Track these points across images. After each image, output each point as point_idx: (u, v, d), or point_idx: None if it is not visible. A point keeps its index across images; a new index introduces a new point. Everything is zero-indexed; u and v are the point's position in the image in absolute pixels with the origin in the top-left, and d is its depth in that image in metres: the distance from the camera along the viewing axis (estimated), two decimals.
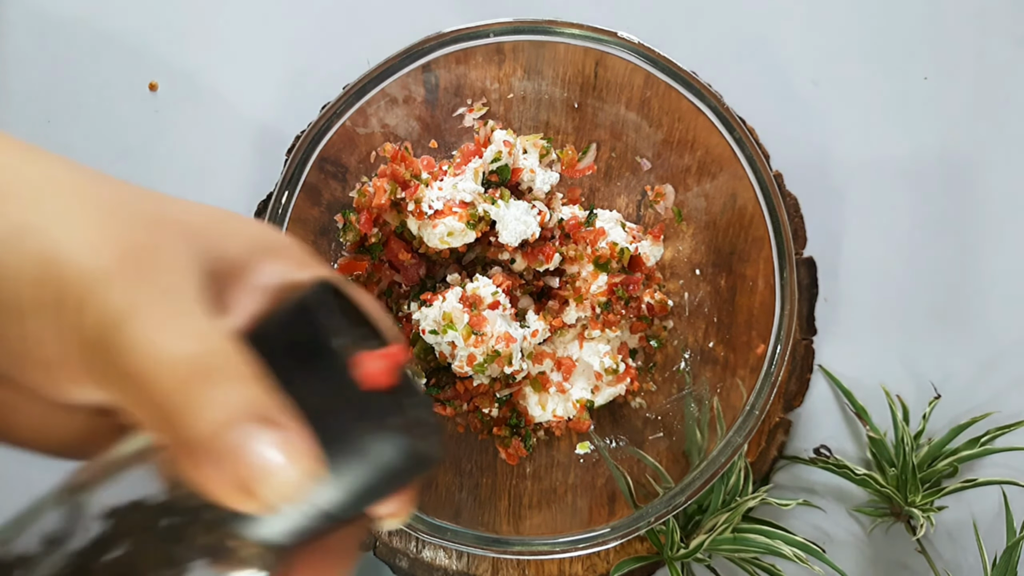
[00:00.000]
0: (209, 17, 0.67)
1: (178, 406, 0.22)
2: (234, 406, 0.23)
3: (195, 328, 0.24)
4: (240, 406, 0.23)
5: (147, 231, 0.25)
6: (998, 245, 0.66)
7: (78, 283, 0.23)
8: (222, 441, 0.22)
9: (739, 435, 0.55)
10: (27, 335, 0.23)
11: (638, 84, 0.59)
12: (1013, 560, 0.59)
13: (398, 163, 0.58)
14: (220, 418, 0.23)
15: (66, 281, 0.23)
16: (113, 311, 0.23)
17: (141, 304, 0.23)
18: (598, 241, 0.61)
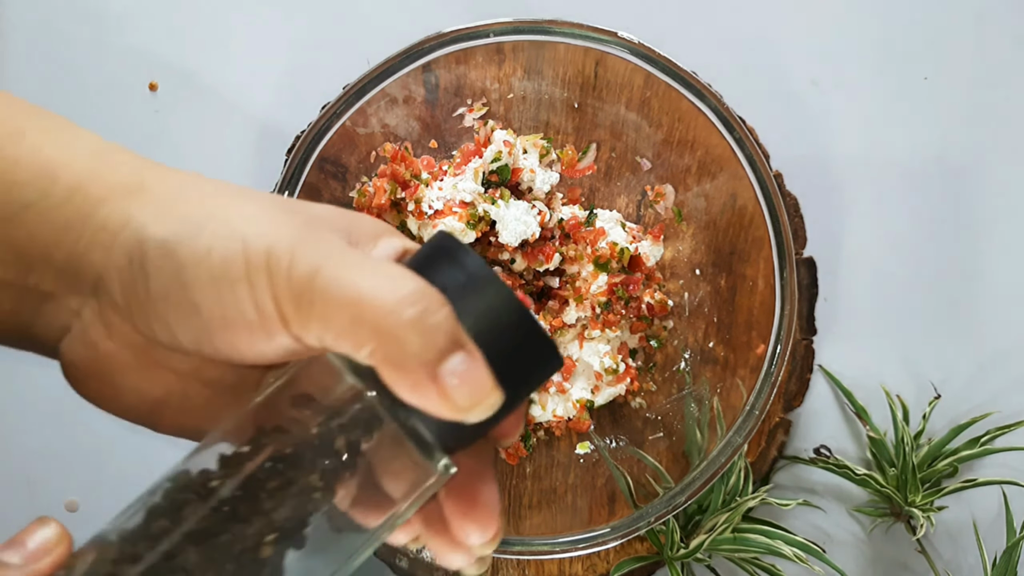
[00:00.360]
0: (209, 17, 0.67)
1: (403, 331, 0.27)
2: (446, 333, 0.28)
3: (395, 270, 0.29)
4: (450, 333, 0.28)
5: (301, 215, 0.31)
6: (998, 245, 0.66)
7: (282, 247, 0.28)
8: (442, 365, 0.28)
9: (739, 435, 0.55)
10: (237, 300, 0.29)
11: (638, 84, 0.59)
12: (1013, 560, 0.59)
13: (398, 163, 0.58)
14: (441, 344, 0.28)
15: (270, 248, 0.28)
16: (319, 263, 0.28)
17: (338, 257, 0.29)
18: (598, 241, 0.61)
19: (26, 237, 0.30)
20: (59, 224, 0.30)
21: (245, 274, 0.29)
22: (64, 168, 0.31)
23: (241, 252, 0.29)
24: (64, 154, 0.31)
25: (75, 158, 0.31)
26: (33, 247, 0.31)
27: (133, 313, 0.31)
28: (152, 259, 0.30)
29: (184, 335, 0.30)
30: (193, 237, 0.29)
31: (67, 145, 0.32)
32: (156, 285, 0.30)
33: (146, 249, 0.30)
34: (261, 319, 0.29)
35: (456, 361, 0.28)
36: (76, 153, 0.32)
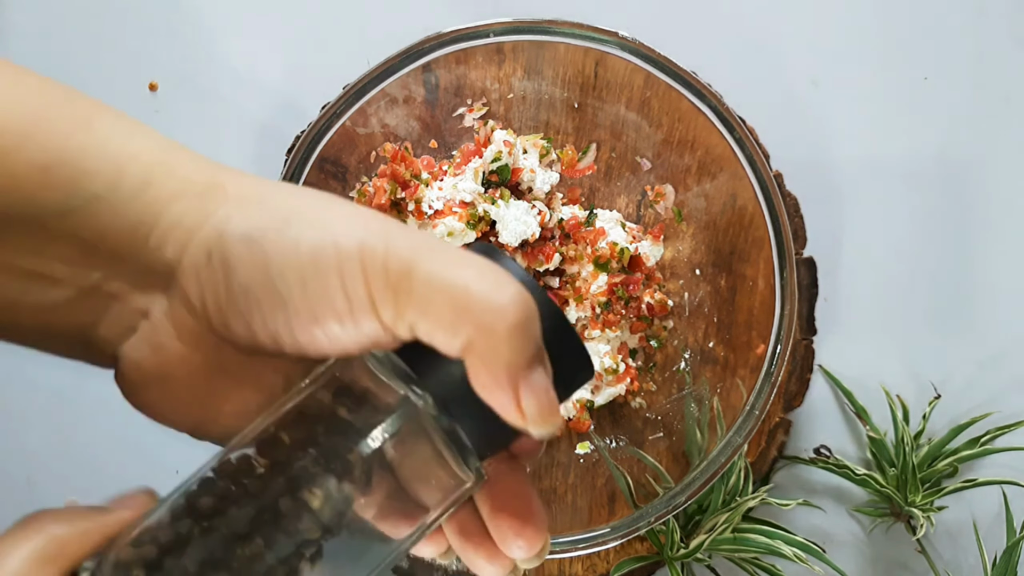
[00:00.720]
0: (209, 17, 0.67)
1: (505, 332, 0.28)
2: (537, 346, 0.29)
3: (493, 267, 0.29)
4: (540, 346, 0.29)
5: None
6: (998, 245, 0.66)
7: (374, 239, 0.29)
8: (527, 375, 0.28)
9: (739, 435, 0.55)
10: (328, 289, 0.29)
11: (638, 84, 0.59)
12: (1013, 560, 0.59)
13: (398, 163, 0.58)
14: (531, 355, 0.28)
15: (363, 240, 0.29)
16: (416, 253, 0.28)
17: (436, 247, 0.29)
18: (598, 241, 0.61)
19: (93, 231, 0.29)
20: (130, 219, 0.29)
21: (337, 264, 0.28)
22: (133, 161, 0.30)
23: (332, 243, 0.29)
24: (132, 147, 0.30)
25: (143, 151, 0.30)
26: (101, 242, 0.29)
27: (210, 310, 0.30)
28: (236, 253, 0.29)
29: (264, 330, 0.30)
30: (279, 231, 0.29)
31: (134, 138, 0.31)
32: (240, 279, 0.29)
33: (229, 243, 0.29)
34: (351, 308, 0.29)
35: (538, 375, 0.29)
36: (144, 147, 0.31)
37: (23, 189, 0.28)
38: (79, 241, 0.29)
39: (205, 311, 0.30)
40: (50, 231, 0.29)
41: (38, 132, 0.29)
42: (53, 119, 0.29)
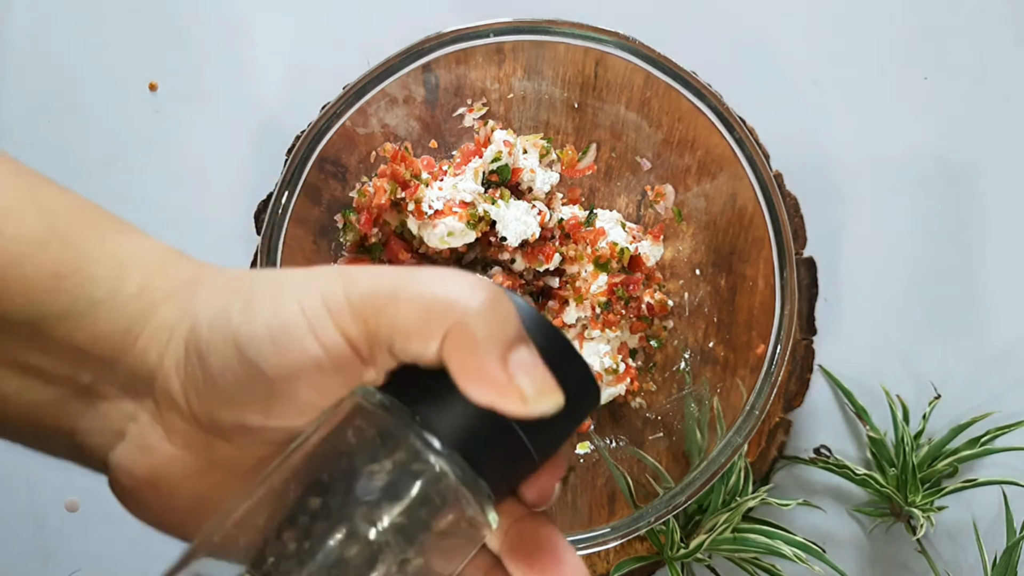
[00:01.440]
0: (209, 17, 0.67)
1: (475, 316, 0.28)
2: (515, 324, 0.29)
3: (455, 269, 0.30)
4: (518, 326, 0.29)
5: None
6: (998, 245, 0.66)
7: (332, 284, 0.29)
8: (512, 353, 0.28)
9: (739, 435, 0.55)
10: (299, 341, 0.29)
11: (638, 84, 0.59)
12: (1013, 560, 0.59)
13: (398, 163, 0.58)
14: (511, 333, 0.28)
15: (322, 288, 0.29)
16: (376, 280, 0.29)
17: (394, 270, 0.29)
18: (598, 241, 0.61)
19: (87, 335, 0.31)
20: (123, 323, 0.31)
21: (301, 314, 0.29)
22: (133, 269, 0.32)
23: (293, 298, 0.29)
24: (135, 256, 0.32)
25: (143, 260, 0.32)
26: (93, 347, 0.31)
27: (193, 404, 0.30)
28: (206, 338, 0.30)
29: (249, 405, 0.30)
30: (244, 304, 0.30)
31: (137, 246, 0.33)
32: (215, 362, 0.30)
33: (199, 331, 0.30)
34: (327, 351, 0.29)
35: (524, 352, 0.29)
36: (145, 254, 0.33)
37: (32, 293, 0.30)
38: (73, 344, 0.31)
39: (190, 406, 0.31)
40: (48, 332, 0.30)
41: (53, 241, 0.31)
42: (67, 228, 0.31)
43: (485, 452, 0.29)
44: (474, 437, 0.29)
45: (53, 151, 0.67)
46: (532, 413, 0.28)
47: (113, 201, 0.70)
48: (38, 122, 0.67)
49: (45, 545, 0.66)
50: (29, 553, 0.66)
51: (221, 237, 0.66)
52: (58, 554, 0.66)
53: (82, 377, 0.31)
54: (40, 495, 0.65)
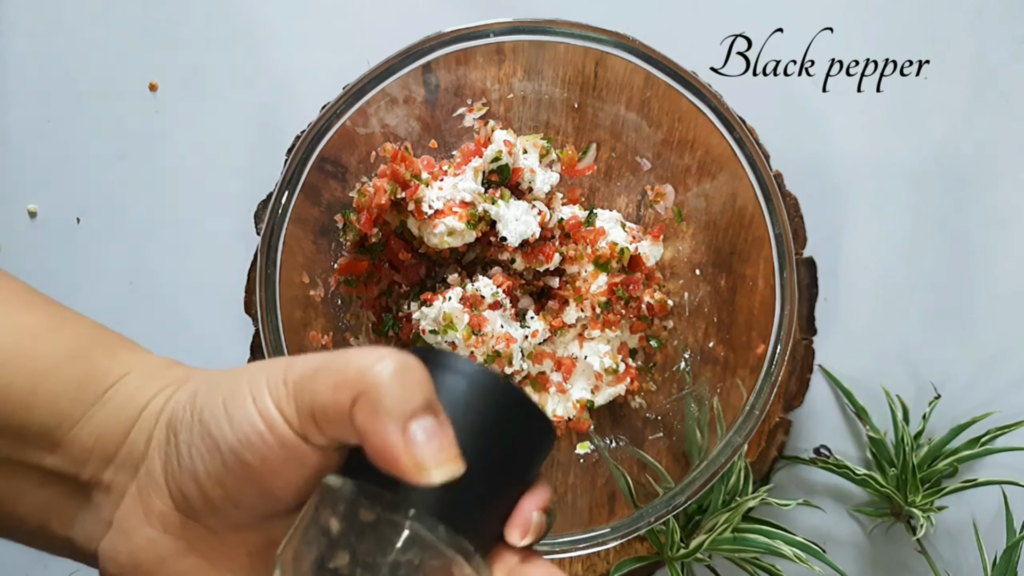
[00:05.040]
0: (209, 17, 0.67)
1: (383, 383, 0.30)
2: (423, 394, 0.30)
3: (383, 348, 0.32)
4: (427, 396, 0.31)
5: None
6: (998, 245, 0.66)
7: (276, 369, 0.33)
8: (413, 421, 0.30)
9: (739, 435, 0.55)
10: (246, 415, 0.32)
11: (638, 84, 0.59)
12: (1013, 560, 0.59)
13: (398, 163, 0.58)
14: (416, 402, 0.30)
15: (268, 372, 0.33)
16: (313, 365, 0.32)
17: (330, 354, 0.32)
18: (598, 241, 0.61)
19: (95, 435, 0.35)
20: (123, 419, 0.35)
21: (248, 392, 0.32)
22: (138, 370, 0.36)
23: (244, 379, 0.33)
24: (138, 363, 0.37)
25: (144, 365, 0.37)
26: (98, 443, 0.35)
27: (168, 479, 0.34)
28: (179, 415, 0.34)
29: (209, 479, 0.32)
30: (209, 387, 0.34)
31: (141, 358, 0.37)
32: (183, 435, 0.33)
33: (176, 409, 0.34)
34: (269, 426, 0.32)
35: (427, 421, 0.30)
36: (146, 363, 0.37)
37: (57, 404, 0.35)
38: (81, 444, 0.35)
39: (167, 484, 0.34)
40: (62, 436, 0.35)
41: (78, 359, 0.36)
42: (89, 348, 0.36)
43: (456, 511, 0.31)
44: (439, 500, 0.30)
45: (53, 151, 0.67)
46: (429, 481, 0.30)
47: (113, 201, 0.71)
48: (38, 122, 0.67)
49: None
50: (29, 553, 0.66)
51: (221, 237, 0.66)
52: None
53: (84, 473, 0.35)
54: None
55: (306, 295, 0.59)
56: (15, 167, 0.67)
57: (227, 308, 0.65)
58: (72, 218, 0.67)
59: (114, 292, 0.66)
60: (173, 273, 0.66)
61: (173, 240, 0.67)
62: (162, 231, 0.67)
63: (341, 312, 0.61)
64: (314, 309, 0.60)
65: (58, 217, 0.67)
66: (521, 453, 0.33)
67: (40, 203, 0.67)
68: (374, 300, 0.62)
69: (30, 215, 0.67)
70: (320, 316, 0.60)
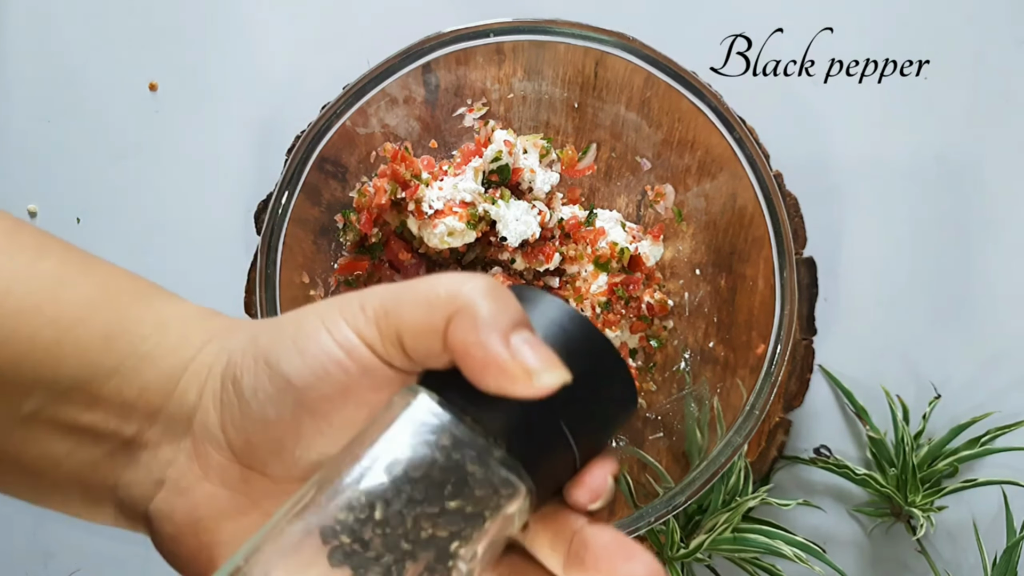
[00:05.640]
0: (209, 17, 0.67)
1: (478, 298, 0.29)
2: (516, 309, 0.30)
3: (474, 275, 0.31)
4: (520, 312, 0.30)
5: None
6: (998, 245, 0.66)
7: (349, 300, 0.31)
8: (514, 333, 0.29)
9: (739, 435, 0.55)
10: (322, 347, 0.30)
11: (638, 84, 0.59)
12: (1013, 560, 0.59)
13: (398, 163, 0.58)
14: (513, 315, 0.29)
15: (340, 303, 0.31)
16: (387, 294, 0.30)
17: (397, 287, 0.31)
18: (598, 241, 0.61)
19: (134, 386, 0.33)
20: (167, 371, 0.33)
21: (321, 324, 0.30)
22: (176, 323, 0.34)
23: (315, 314, 0.31)
24: (177, 313, 0.34)
25: (184, 315, 0.34)
26: (140, 397, 0.33)
27: (229, 430, 0.31)
28: (237, 360, 0.32)
29: (281, 423, 0.31)
30: (271, 327, 0.32)
31: (179, 306, 0.35)
32: (247, 381, 0.31)
33: (233, 357, 0.32)
34: (347, 352, 0.30)
35: (526, 333, 0.29)
36: (186, 312, 0.35)
37: (85, 355, 0.32)
38: (121, 399, 0.32)
39: (226, 435, 0.32)
40: (97, 390, 0.32)
41: (103, 306, 0.33)
42: (116, 295, 0.34)
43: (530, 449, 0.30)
44: (516, 433, 0.29)
45: (53, 151, 0.67)
46: (539, 388, 0.28)
47: (114, 201, 0.71)
48: (38, 122, 0.67)
49: (45, 545, 0.66)
50: (29, 553, 0.66)
51: (221, 237, 0.66)
52: (58, 554, 0.66)
53: (127, 429, 0.33)
54: None
55: (306, 295, 0.59)
56: (15, 167, 0.67)
57: (227, 308, 0.64)
58: (72, 218, 0.67)
59: None
60: (173, 273, 0.66)
61: (173, 240, 0.67)
62: (162, 231, 0.67)
63: None
64: None
65: (58, 217, 0.67)
66: (604, 411, 0.31)
67: (40, 203, 0.67)
68: None
69: (30, 215, 0.67)
70: None
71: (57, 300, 0.33)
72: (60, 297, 0.33)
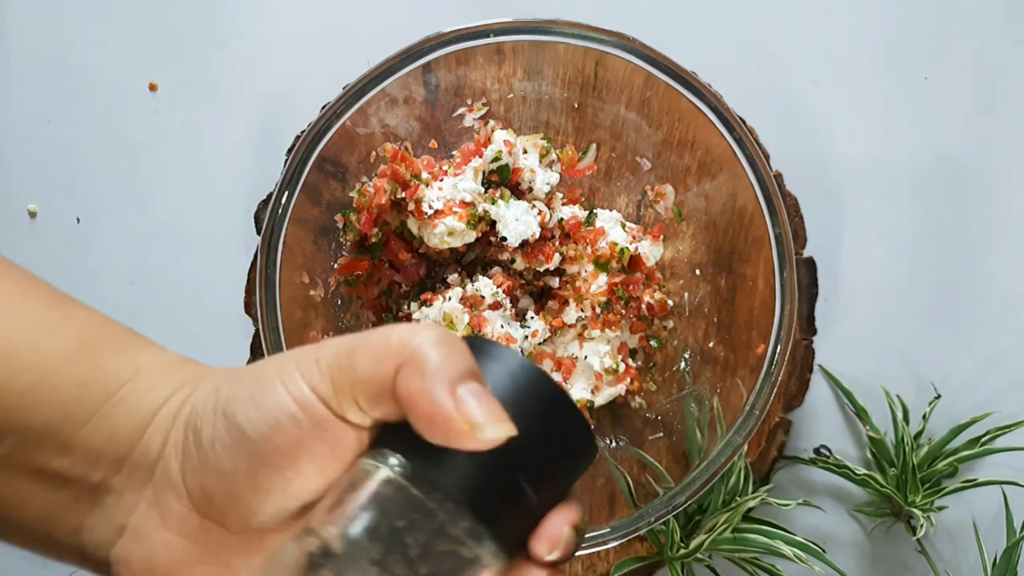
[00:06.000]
0: (209, 17, 0.67)
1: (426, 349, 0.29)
2: (466, 361, 0.30)
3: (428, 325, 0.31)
4: (470, 364, 0.30)
5: None
6: (998, 245, 0.66)
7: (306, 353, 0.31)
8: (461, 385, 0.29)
9: (739, 435, 0.55)
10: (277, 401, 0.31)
11: (638, 84, 0.59)
12: (1013, 560, 0.59)
13: (398, 163, 0.58)
14: (461, 367, 0.29)
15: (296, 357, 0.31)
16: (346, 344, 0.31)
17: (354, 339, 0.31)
18: (598, 241, 0.61)
19: (104, 433, 0.33)
20: (135, 419, 0.33)
21: (279, 377, 0.31)
22: (149, 368, 0.35)
23: (273, 367, 0.31)
24: (150, 361, 0.35)
25: (157, 363, 0.35)
26: (109, 444, 0.33)
27: (188, 479, 0.32)
28: (199, 410, 0.32)
29: (237, 474, 0.31)
30: (232, 381, 0.32)
31: (152, 355, 0.36)
32: (205, 430, 0.32)
33: (195, 406, 0.33)
34: (302, 408, 0.30)
35: (474, 385, 0.29)
36: (158, 360, 0.35)
37: (59, 402, 0.33)
38: (90, 445, 0.33)
39: (185, 483, 0.32)
40: (69, 437, 0.33)
41: (82, 355, 0.34)
42: (94, 344, 0.35)
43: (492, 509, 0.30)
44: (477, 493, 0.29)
45: (53, 151, 0.67)
46: (484, 442, 0.28)
47: (113, 201, 0.71)
48: (38, 122, 0.67)
49: None
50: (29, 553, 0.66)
51: (221, 237, 0.66)
52: None
53: (94, 475, 0.33)
54: None
55: (306, 295, 0.59)
56: (15, 167, 0.67)
57: (227, 308, 0.65)
58: (72, 218, 0.67)
59: (114, 292, 0.66)
60: (173, 273, 0.66)
61: (173, 240, 0.67)
62: (162, 231, 0.67)
63: (341, 312, 0.61)
64: (314, 309, 0.60)
65: (58, 217, 0.67)
66: (560, 461, 0.31)
67: (40, 203, 0.67)
68: (374, 300, 0.62)
69: (30, 215, 0.67)
70: (320, 316, 0.60)
71: (36, 347, 0.33)
72: (39, 344, 0.34)
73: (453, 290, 0.58)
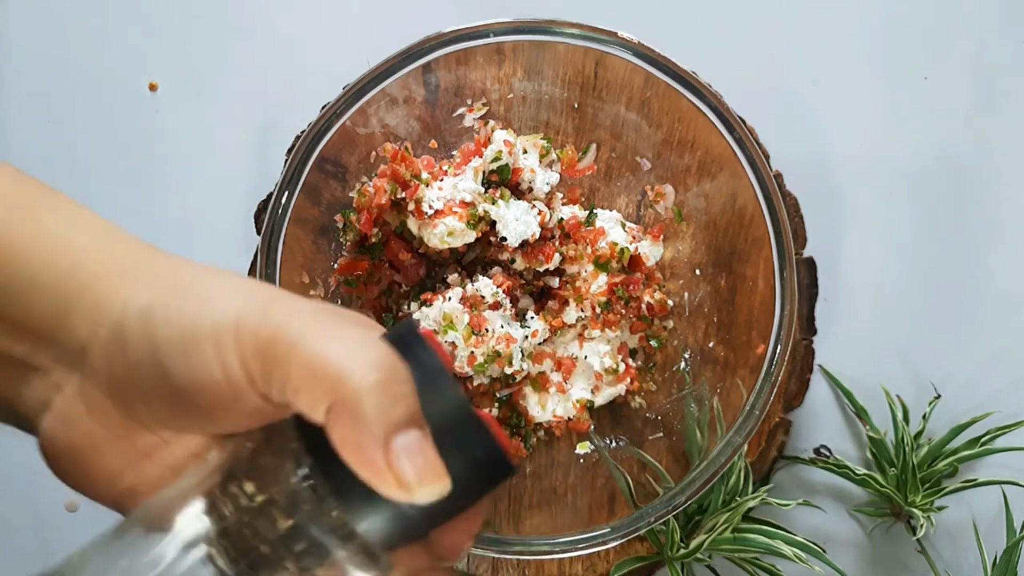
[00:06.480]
0: (209, 17, 0.67)
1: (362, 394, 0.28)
2: (407, 406, 0.28)
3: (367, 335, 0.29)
4: (411, 408, 0.28)
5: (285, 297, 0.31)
6: (998, 245, 0.66)
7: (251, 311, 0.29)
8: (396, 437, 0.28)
9: (739, 435, 0.55)
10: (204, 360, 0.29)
11: (638, 84, 0.59)
12: (1013, 560, 0.59)
13: (398, 163, 0.58)
14: (399, 416, 0.28)
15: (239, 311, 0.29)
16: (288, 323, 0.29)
17: (309, 318, 0.29)
18: (598, 241, 0.61)
19: (21, 309, 0.32)
20: (55, 299, 0.32)
21: (212, 334, 0.29)
22: (68, 244, 0.32)
23: (209, 315, 0.30)
24: (69, 232, 0.33)
25: (79, 236, 0.33)
26: (26, 320, 0.32)
27: (112, 387, 0.31)
28: (130, 327, 0.31)
29: (158, 404, 0.31)
30: (168, 305, 0.31)
31: (73, 224, 0.33)
32: (133, 353, 0.30)
33: (127, 320, 0.31)
34: (227, 379, 0.29)
35: (411, 436, 0.28)
36: (80, 232, 0.33)
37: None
38: (8, 318, 0.32)
39: (110, 387, 0.31)
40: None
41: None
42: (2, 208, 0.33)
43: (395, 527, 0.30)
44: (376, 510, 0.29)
45: (53, 151, 0.67)
46: (411, 499, 0.28)
47: (113, 201, 0.70)
48: (38, 122, 0.67)
49: (45, 545, 0.66)
50: (29, 553, 0.66)
51: (221, 237, 0.66)
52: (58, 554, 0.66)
53: (15, 349, 0.32)
54: (40, 495, 0.65)
55: (306, 295, 0.59)
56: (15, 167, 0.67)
57: None
58: None
59: None
60: None
61: (173, 240, 0.67)
62: (162, 231, 0.67)
63: None
64: None
65: None
66: (474, 485, 0.31)
67: None
68: (374, 300, 0.62)
69: None
70: None
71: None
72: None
73: (453, 290, 0.58)
